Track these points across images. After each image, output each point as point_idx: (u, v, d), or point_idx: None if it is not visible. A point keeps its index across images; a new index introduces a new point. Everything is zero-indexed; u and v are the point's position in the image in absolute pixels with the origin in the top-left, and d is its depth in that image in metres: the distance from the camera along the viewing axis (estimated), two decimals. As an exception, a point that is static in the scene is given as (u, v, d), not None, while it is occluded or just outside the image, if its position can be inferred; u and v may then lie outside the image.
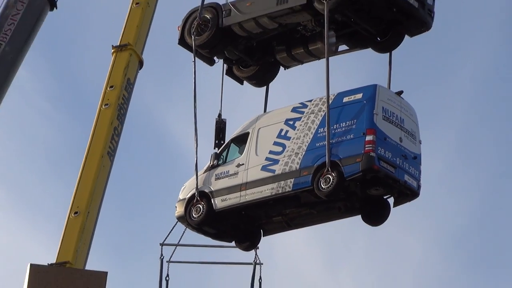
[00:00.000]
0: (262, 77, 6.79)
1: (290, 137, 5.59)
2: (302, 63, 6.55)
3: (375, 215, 5.74)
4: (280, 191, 5.45)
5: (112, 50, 6.35)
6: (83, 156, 5.83)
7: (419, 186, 5.61)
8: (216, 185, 5.89)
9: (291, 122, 5.70)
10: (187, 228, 6.20)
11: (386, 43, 6.09)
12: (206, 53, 6.31)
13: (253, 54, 6.55)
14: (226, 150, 6.11)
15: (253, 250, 6.78)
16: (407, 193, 5.57)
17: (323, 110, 5.38)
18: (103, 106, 5.95)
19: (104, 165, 5.80)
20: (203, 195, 5.85)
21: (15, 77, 6.04)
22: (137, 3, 6.53)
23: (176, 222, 6.30)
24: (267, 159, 5.62)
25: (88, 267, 5.61)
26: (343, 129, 5.33)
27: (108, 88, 5.95)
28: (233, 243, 6.45)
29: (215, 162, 6.03)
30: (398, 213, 5.62)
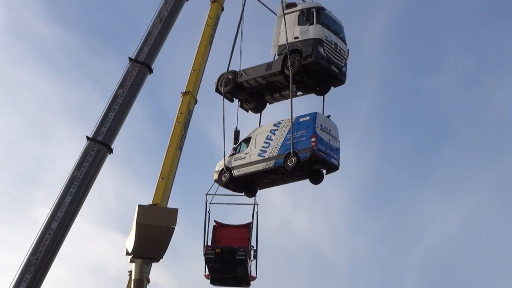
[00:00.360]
0: (258, 108, 11.93)
1: (273, 139, 10.47)
2: (278, 101, 11.59)
3: (316, 179, 10.66)
4: (267, 167, 10.32)
5: (181, 94, 11.31)
6: (165, 150, 10.92)
7: (339, 164, 10.50)
8: (234, 163, 10.74)
9: (273, 131, 10.64)
10: (219, 186, 11.07)
11: (321, 91, 11.16)
12: (229, 96, 11.33)
13: (253, 97, 11.67)
14: (239, 145, 11.03)
15: (253, 197, 11.42)
16: (333, 168, 10.48)
17: (289, 125, 10.27)
18: (177, 123, 10.84)
19: (177, 153, 10.66)
20: (227, 169, 10.72)
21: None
22: (194, 70, 11.52)
23: (213, 183, 11.13)
24: (260, 150, 10.51)
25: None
26: (299, 134, 10.09)
27: (179, 114, 10.86)
28: (243, 193, 11.40)
29: (233, 152, 10.98)
30: (328, 178, 10.80)
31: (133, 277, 4.57)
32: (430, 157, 34.71)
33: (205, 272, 10.90)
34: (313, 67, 10.36)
